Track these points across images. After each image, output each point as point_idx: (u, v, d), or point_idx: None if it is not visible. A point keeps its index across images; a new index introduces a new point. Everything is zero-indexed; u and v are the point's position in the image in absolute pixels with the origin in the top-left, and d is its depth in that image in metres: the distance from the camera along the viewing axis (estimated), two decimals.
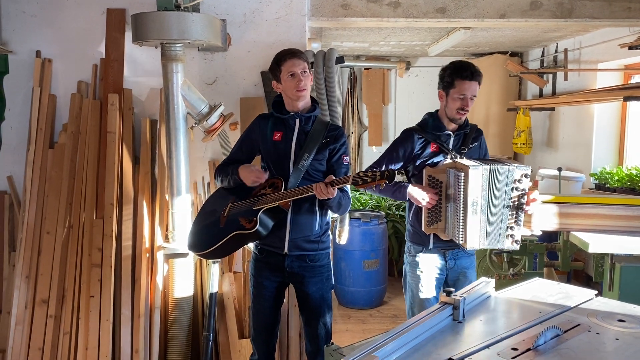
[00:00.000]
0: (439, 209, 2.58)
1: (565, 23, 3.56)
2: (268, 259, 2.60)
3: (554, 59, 6.19)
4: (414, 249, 2.76)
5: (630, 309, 1.79)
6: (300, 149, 2.51)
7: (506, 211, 2.49)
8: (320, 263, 2.59)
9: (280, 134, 2.56)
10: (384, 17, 3.54)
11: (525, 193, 2.48)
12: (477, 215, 2.48)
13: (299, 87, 2.47)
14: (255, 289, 2.65)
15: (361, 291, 4.79)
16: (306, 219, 2.53)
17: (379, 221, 4.81)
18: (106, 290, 3.13)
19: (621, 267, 2.84)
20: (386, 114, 7.85)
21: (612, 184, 4.86)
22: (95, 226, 3.22)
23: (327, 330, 2.63)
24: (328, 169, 2.54)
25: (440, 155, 2.65)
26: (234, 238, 2.49)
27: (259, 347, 2.70)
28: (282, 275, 2.59)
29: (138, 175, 3.37)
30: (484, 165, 2.47)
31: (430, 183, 2.59)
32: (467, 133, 2.70)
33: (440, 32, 5.47)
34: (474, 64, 2.63)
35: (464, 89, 2.56)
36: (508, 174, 2.46)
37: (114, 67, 3.42)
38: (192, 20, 2.92)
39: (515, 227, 2.50)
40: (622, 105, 5.22)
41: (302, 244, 2.54)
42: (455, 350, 1.46)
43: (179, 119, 3.10)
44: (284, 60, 2.49)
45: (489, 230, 2.51)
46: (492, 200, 2.48)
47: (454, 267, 2.73)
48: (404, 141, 2.72)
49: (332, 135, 2.56)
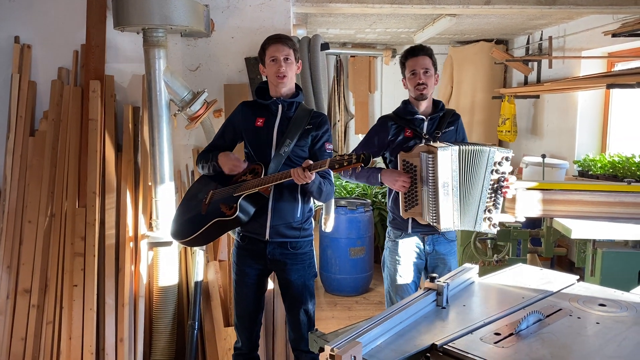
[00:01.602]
0: (415, 193, 2.59)
1: (550, 10, 3.57)
2: (250, 245, 2.60)
3: (539, 47, 6.21)
4: (393, 233, 2.78)
5: (610, 293, 1.81)
6: (282, 135, 2.49)
7: (484, 193, 2.51)
8: (303, 250, 2.59)
9: (263, 119, 2.54)
10: (369, 3, 3.52)
11: (505, 177, 2.51)
12: (449, 196, 2.50)
13: (278, 72, 2.46)
14: (237, 276, 2.65)
15: (347, 278, 4.80)
16: (288, 205, 2.52)
17: (365, 209, 4.81)
18: (89, 280, 3.10)
19: (603, 252, 2.87)
20: (372, 101, 7.84)
21: (595, 171, 4.90)
22: (78, 215, 3.18)
23: (309, 317, 2.63)
24: (310, 156, 2.53)
25: (414, 140, 2.67)
26: (215, 225, 2.48)
27: (242, 335, 2.70)
28: (264, 262, 2.59)
29: (121, 163, 3.33)
30: (453, 146, 2.50)
31: (404, 167, 2.60)
32: (442, 117, 2.72)
33: (425, 20, 5.46)
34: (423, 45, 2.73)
35: (412, 65, 2.65)
36: (488, 155, 2.49)
37: (95, 53, 3.36)
38: (174, 5, 2.87)
39: (493, 210, 2.52)
40: (606, 92, 5.26)
41: (284, 231, 2.53)
42: (438, 336, 1.47)
43: (161, 106, 3.06)
44: (268, 45, 2.49)
45: (464, 212, 2.53)
46: (466, 181, 2.51)
47: (433, 253, 2.74)
48: (379, 128, 2.76)
49: (315, 122, 2.55)
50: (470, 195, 2.52)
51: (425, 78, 2.63)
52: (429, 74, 2.65)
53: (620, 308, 1.66)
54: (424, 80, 2.62)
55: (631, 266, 2.82)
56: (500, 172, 2.50)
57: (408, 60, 2.67)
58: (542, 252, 3.82)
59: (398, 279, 2.74)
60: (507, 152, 2.49)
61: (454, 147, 2.49)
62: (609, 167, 4.79)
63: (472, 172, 2.51)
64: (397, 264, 2.75)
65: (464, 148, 2.50)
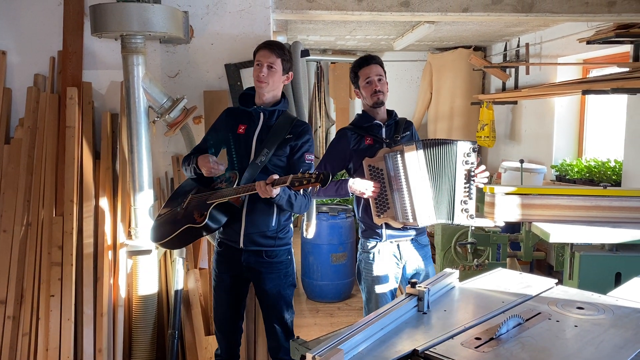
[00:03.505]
0: (385, 197, 2.61)
1: (526, 17, 3.62)
2: (226, 252, 2.59)
3: (516, 53, 6.31)
4: (369, 245, 2.76)
5: (588, 296, 1.83)
6: (261, 143, 2.47)
7: (457, 185, 2.57)
8: (279, 259, 2.56)
9: (244, 127, 2.53)
10: (348, 10, 3.54)
11: (474, 167, 2.56)
12: (422, 191, 2.54)
13: (259, 77, 2.45)
14: (215, 282, 2.66)
15: (329, 284, 4.80)
16: (261, 214, 2.50)
17: (346, 215, 4.82)
18: (67, 289, 3.04)
19: (580, 255, 2.91)
20: (353, 107, 7.87)
21: (572, 175, 4.99)
22: (55, 223, 3.13)
23: (285, 327, 2.61)
24: (289, 166, 2.51)
25: (375, 146, 2.69)
26: (187, 231, 2.47)
27: (221, 342, 2.69)
28: (240, 269, 2.58)
29: (99, 170, 3.29)
30: (417, 142, 2.58)
31: (370, 172, 2.62)
32: (398, 122, 2.77)
33: (405, 27, 5.51)
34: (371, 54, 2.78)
35: (366, 73, 2.70)
36: (455, 148, 2.55)
37: (73, 59, 3.32)
38: (153, 11, 2.85)
39: (468, 201, 2.57)
40: (581, 98, 5.36)
41: (258, 239, 2.51)
42: (420, 342, 1.47)
43: (140, 112, 3.03)
44: (258, 50, 2.51)
45: (439, 205, 2.58)
46: (435, 173, 2.57)
47: (409, 260, 2.74)
48: (339, 140, 2.78)
49: (296, 131, 2.52)
50: (442, 188, 2.58)
51: (381, 85, 2.69)
52: (383, 81, 2.72)
53: (598, 311, 1.68)
54: (379, 87, 2.68)
55: (608, 269, 2.87)
56: (470, 162, 2.56)
57: (361, 69, 2.71)
58: (521, 256, 3.85)
59: (376, 288, 2.73)
60: (473, 143, 2.57)
61: (418, 142, 2.58)
62: (586, 171, 4.88)
63: (440, 164, 2.57)
64: (373, 274, 2.73)
65: (427, 142, 2.58)
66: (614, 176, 4.62)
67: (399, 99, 7.71)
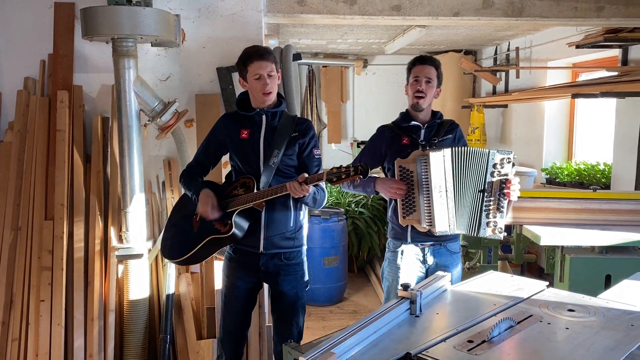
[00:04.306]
0: (413, 199, 2.56)
1: (517, 22, 3.65)
2: (243, 258, 2.54)
3: (507, 57, 6.36)
4: (392, 244, 2.74)
5: (579, 299, 1.85)
6: (269, 145, 2.45)
7: (481, 196, 2.45)
8: (296, 261, 2.55)
9: (247, 131, 2.49)
10: (340, 14, 3.54)
11: (507, 179, 2.43)
12: (443, 199, 2.47)
13: (265, 90, 2.42)
14: (228, 289, 2.59)
15: (321, 288, 4.79)
16: (281, 216, 2.48)
17: (338, 218, 4.82)
18: (57, 294, 3.02)
19: (571, 258, 2.93)
20: (345, 111, 7.89)
21: (562, 178, 5.03)
22: (45, 228, 3.11)
23: (299, 330, 2.59)
24: (300, 164, 2.51)
25: (411, 147, 2.63)
26: (210, 242, 2.44)
27: (226, 349, 2.62)
28: (257, 275, 2.54)
29: (89, 174, 3.27)
30: (446, 148, 2.48)
31: (401, 173, 2.58)
32: (440, 125, 2.69)
33: (396, 30, 5.53)
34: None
35: (416, 72, 2.65)
36: (484, 157, 2.44)
37: (63, 62, 3.30)
38: (144, 14, 2.85)
39: (497, 214, 2.44)
40: (571, 102, 5.41)
41: (278, 242, 2.49)
42: (413, 345, 1.48)
43: (131, 116, 3.02)
44: (251, 62, 2.42)
45: (461, 215, 2.49)
46: (459, 182, 2.47)
47: (433, 265, 2.68)
48: (376, 137, 2.77)
49: (301, 129, 2.51)
50: (466, 198, 2.48)
51: (426, 87, 2.62)
52: (431, 85, 2.63)
53: (589, 313, 1.69)
54: (423, 88, 2.61)
55: (598, 271, 2.89)
56: (502, 174, 2.43)
57: (414, 67, 2.67)
58: (512, 258, 3.88)
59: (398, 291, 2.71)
60: (507, 154, 2.43)
61: (446, 149, 2.48)
62: (575, 174, 4.92)
63: (467, 174, 2.47)
64: (396, 275, 2.70)
65: (456, 149, 2.48)
66: (604, 179, 4.66)
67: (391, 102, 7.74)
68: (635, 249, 3.02)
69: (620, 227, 3.06)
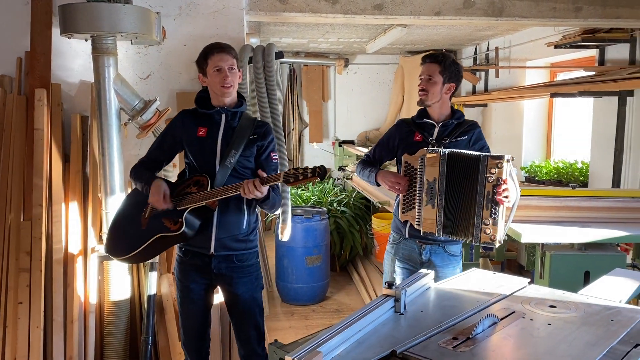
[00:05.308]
0: (413, 196, 2.55)
1: (497, 21, 3.69)
2: (193, 260, 2.49)
3: (486, 57, 6.42)
4: (392, 237, 2.76)
5: (560, 295, 1.87)
6: (227, 145, 2.42)
7: (475, 202, 2.39)
8: (249, 263, 2.52)
9: (205, 129, 2.45)
10: (322, 12, 3.54)
11: (500, 183, 2.33)
12: (433, 200, 2.46)
13: (224, 83, 2.38)
14: (182, 292, 2.54)
15: (304, 287, 4.79)
16: (233, 217, 2.44)
17: (320, 217, 4.82)
18: (36, 296, 2.96)
19: (551, 255, 2.97)
20: (326, 110, 7.89)
21: (541, 176, 5.10)
22: (23, 229, 3.05)
23: (260, 332, 2.56)
24: (256, 167, 2.47)
25: (422, 144, 2.61)
26: (158, 240, 2.39)
27: (190, 352, 2.60)
28: (209, 277, 2.50)
29: (68, 174, 3.22)
30: (444, 149, 2.47)
31: (405, 169, 2.57)
32: (457, 125, 2.65)
33: (377, 30, 5.55)
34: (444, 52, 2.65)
35: (421, 70, 2.64)
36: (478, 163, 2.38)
37: (41, 60, 3.24)
38: (124, 12, 2.81)
39: (490, 220, 2.36)
40: (549, 101, 5.49)
41: (230, 244, 2.45)
42: (398, 342, 1.48)
43: (111, 115, 2.98)
44: (212, 54, 2.40)
45: (451, 219, 2.46)
46: (453, 186, 2.45)
47: (428, 263, 2.66)
48: (393, 130, 2.76)
49: (260, 132, 2.49)
50: (458, 203, 2.45)
51: (427, 84, 2.59)
52: (432, 82, 2.59)
53: (569, 309, 1.72)
54: (424, 86, 2.60)
55: (577, 268, 2.93)
56: (495, 179, 2.34)
57: (422, 64, 2.66)
58: (493, 256, 3.92)
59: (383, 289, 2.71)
60: (499, 159, 2.33)
61: (444, 151, 2.46)
62: (554, 172, 5.00)
63: (459, 179, 2.44)
64: (392, 268, 2.73)
65: (453, 153, 2.45)
66: (581, 177, 4.74)
67: (372, 102, 7.77)
68: (613, 245, 3.07)
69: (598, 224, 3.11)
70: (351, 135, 7.69)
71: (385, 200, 4.49)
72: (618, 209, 3.20)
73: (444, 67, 2.60)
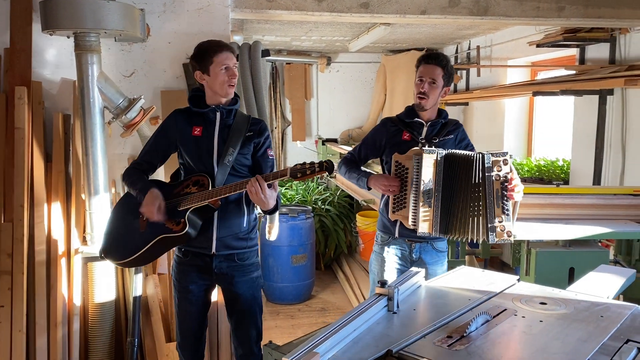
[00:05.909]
0: (405, 195, 2.54)
1: (482, 20, 3.72)
2: (194, 261, 2.46)
3: (467, 56, 6.47)
4: (380, 237, 2.75)
5: (549, 291, 1.89)
6: (224, 143, 2.40)
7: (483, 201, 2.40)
8: (250, 261, 2.51)
9: (200, 128, 2.42)
10: (308, 10, 3.52)
11: (508, 179, 2.37)
12: (430, 200, 2.46)
13: (232, 82, 2.37)
14: (181, 293, 2.51)
15: (289, 286, 4.78)
16: (234, 216, 2.43)
17: (306, 216, 4.81)
18: (18, 299, 2.90)
19: (536, 252, 3.01)
20: (309, 108, 7.87)
21: (523, 174, 5.16)
22: (4, 230, 2.98)
23: (258, 331, 2.55)
24: (253, 164, 2.47)
25: (411, 144, 2.61)
26: (160, 242, 2.35)
27: (186, 354, 2.57)
28: (210, 277, 2.48)
29: (50, 174, 3.15)
30: (442, 150, 2.47)
31: (396, 168, 2.57)
32: (444, 124, 2.67)
33: (360, 28, 5.55)
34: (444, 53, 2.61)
35: (421, 72, 2.59)
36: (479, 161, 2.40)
37: (21, 57, 3.17)
38: (108, 8, 2.76)
39: (503, 217, 2.38)
40: (530, 100, 5.56)
41: (231, 242, 2.44)
42: (393, 342, 1.48)
43: (95, 113, 2.93)
44: (218, 52, 2.35)
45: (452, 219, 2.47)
46: (451, 187, 2.46)
47: (418, 261, 2.67)
48: (378, 128, 2.75)
49: (255, 129, 2.47)
50: (460, 203, 2.45)
51: (429, 89, 2.57)
52: (435, 86, 2.57)
53: (560, 306, 1.73)
54: (426, 90, 2.56)
55: (562, 264, 2.97)
56: (502, 176, 2.37)
57: (421, 65, 2.60)
58: (479, 253, 3.96)
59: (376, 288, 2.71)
60: (503, 156, 2.37)
61: (441, 151, 2.46)
62: (535, 170, 5.06)
63: (460, 179, 2.44)
64: (382, 269, 2.71)
65: (452, 153, 2.46)
66: (563, 175, 4.81)
67: (355, 100, 7.78)
68: (596, 242, 3.12)
69: (582, 221, 3.17)
70: (334, 133, 7.69)
71: (369, 199, 4.50)
72: (601, 206, 3.26)
73: (445, 71, 2.59)
